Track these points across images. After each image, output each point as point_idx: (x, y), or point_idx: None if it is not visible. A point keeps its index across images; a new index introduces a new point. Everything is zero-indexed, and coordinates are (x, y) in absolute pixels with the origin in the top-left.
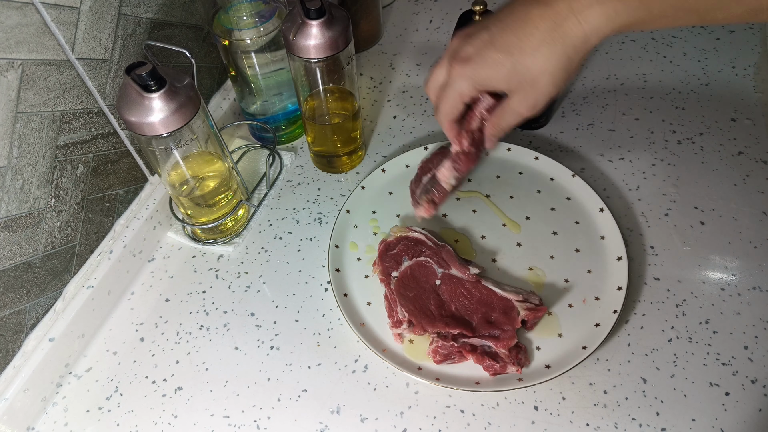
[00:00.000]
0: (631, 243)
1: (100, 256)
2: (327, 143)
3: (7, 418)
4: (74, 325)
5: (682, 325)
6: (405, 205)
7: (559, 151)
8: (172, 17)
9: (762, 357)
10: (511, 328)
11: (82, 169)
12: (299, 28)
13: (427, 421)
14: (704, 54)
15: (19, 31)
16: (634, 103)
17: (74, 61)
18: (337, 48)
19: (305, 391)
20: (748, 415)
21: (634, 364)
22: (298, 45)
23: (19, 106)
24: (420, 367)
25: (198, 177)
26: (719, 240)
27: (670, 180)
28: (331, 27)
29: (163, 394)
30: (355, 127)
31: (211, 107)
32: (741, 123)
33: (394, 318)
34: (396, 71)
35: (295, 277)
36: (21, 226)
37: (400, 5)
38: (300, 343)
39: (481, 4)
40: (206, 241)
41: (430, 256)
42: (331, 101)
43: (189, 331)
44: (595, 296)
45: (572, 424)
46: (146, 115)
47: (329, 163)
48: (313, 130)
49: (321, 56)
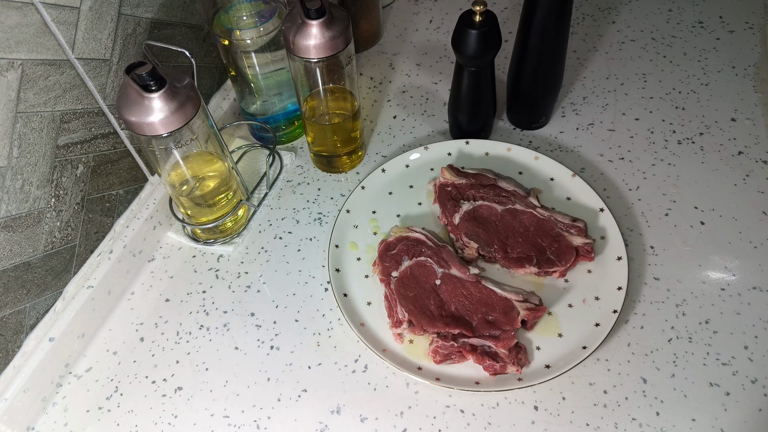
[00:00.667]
0: (631, 243)
1: (100, 256)
2: (327, 143)
3: (7, 418)
4: (74, 325)
5: (682, 325)
6: (405, 205)
7: (559, 151)
8: (172, 17)
9: (762, 357)
10: (511, 328)
11: (82, 169)
12: (299, 28)
13: (427, 421)
14: (704, 54)
15: (19, 31)
16: (634, 103)
17: (74, 61)
18: (336, 48)
19: (305, 391)
20: (748, 415)
21: (634, 364)
22: (298, 45)
23: (19, 106)
24: (420, 367)
25: (198, 177)
26: (719, 240)
27: (670, 180)
28: (331, 27)
29: (163, 394)
30: (355, 127)
31: (211, 107)
32: (741, 123)
33: (394, 318)
34: (396, 71)
35: (295, 277)
36: (21, 226)
37: (400, 5)
38: (300, 343)
39: (481, 4)
40: (206, 241)
41: (430, 256)
42: (331, 101)
43: (189, 331)
44: (595, 296)
45: (572, 424)
46: (146, 115)
47: (329, 163)
48: (313, 130)
49: (321, 56)
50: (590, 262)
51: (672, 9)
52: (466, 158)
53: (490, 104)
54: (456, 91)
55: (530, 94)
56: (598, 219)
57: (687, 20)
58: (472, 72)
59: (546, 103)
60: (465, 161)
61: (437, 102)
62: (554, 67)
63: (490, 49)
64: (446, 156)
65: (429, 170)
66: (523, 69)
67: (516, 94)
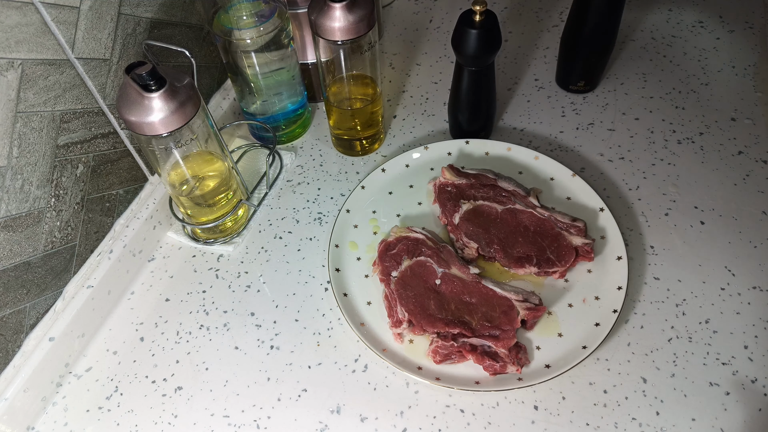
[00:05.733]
0: (631, 243)
1: (100, 255)
2: (348, 127)
3: (7, 417)
4: (74, 324)
5: (682, 325)
6: (405, 204)
7: (559, 151)
8: (172, 17)
9: (762, 357)
10: (511, 328)
11: (82, 169)
12: (322, 9)
13: (427, 420)
14: (704, 54)
15: (19, 31)
16: (634, 102)
17: (74, 60)
18: (359, 31)
19: (305, 391)
20: (748, 415)
21: (634, 363)
22: (323, 26)
23: (19, 105)
24: (420, 366)
25: (198, 177)
26: (719, 240)
27: (670, 180)
28: (354, 10)
29: (163, 393)
30: (376, 112)
31: (211, 107)
32: (741, 123)
33: (394, 318)
34: (396, 71)
35: (295, 276)
36: (21, 226)
37: (400, 5)
38: (300, 343)
39: (481, 4)
40: (206, 240)
41: (430, 255)
42: (353, 86)
43: (189, 330)
44: (595, 296)
45: (572, 423)
46: (146, 114)
47: (350, 146)
48: (334, 113)
49: (345, 38)
50: (590, 261)
51: (672, 9)
52: (466, 158)
53: (491, 104)
54: (456, 91)
55: (586, 50)
56: (598, 219)
57: (687, 20)
58: (472, 72)
59: (599, 63)
60: (465, 161)
61: (437, 102)
62: (610, 25)
63: (490, 49)
64: (446, 156)
65: (429, 170)
66: (584, 22)
67: (569, 50)
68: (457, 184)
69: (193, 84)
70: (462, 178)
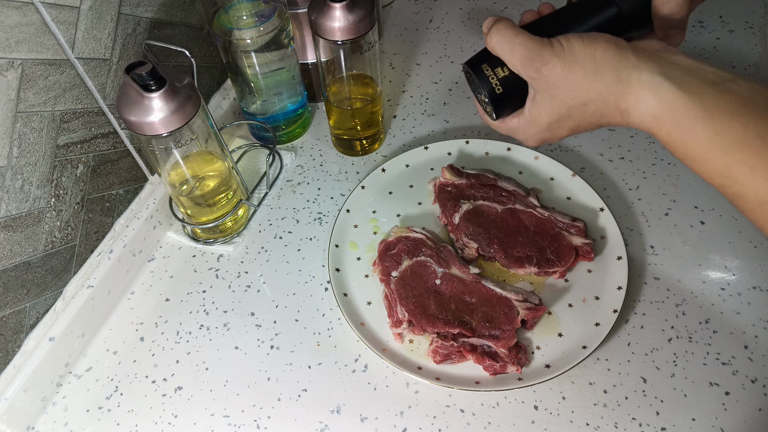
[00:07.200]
0: (631, 243)
1: (100, 255)
2: (348, 127)
3: (7, 417)
4: (74, 324)
5: (682, 325)
6: (405, 204)
7: (559, 151)
8: (172, 17)
9: (762, 357)
10: (511, 328)
11: (82, 169)
12: (322, 9)
13: (427, 420)
14: (704, 54)
15: (18, 31)
16: None
17: (74, 60)
18: (359, 31)
19: (305, 391)
20: (748, 415)
21: (634, 363)
22: (323, 27)
23: (19, 105)
24: (420, 366)
25: (198, 177)
26: (719, 240)
27: (670, 180)
28: (354, 10)
29: (163, 393)
30: (376, 112)
31: (211, 107)
32: None
33: (394, 318)
34: (396, 71)
35: (295, 276)
36: (21, 226)
37: (400, 5)
38: (300, 343)
39: None
40: (206, 240)
41: (430, 255)
42: (353, 86)
43: (189, 330)
44: (595, 296)
45: (572, 423)
46: (146, 114)
47: (350, 146)
48: (334, 113)
49: (345, 38)
50: (590, 261)
51: None
52: (466, 158)
53: None
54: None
55: None
56: (598, 219)
57: None
58: None
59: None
60: (465, 161)
61: (437, 102)
62: None
63: None
64: (446, 156)
65: (429, 170)
66: None
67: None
68: (457, 184)
69: (193, 84)
70: (462, 178)
